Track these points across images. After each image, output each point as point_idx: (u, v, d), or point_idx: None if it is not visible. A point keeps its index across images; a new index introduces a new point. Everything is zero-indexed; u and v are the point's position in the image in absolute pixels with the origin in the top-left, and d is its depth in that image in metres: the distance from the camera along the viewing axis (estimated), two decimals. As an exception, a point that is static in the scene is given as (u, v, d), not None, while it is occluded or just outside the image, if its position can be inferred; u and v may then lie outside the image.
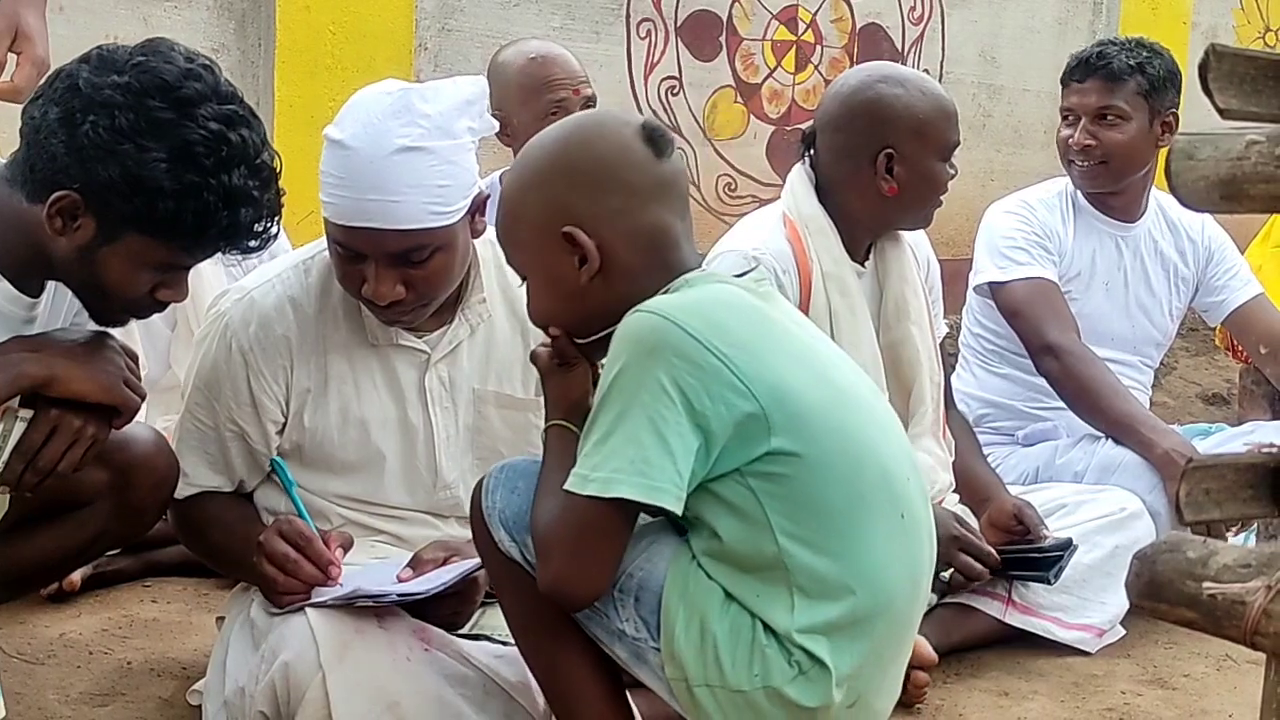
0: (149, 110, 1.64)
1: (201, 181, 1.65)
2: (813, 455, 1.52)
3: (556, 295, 1.64)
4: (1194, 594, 1.16)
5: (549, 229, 1.61)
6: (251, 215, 1.71)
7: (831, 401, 1.56)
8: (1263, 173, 1.13)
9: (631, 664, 1.61)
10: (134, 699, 2.13)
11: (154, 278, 1.74)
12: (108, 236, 1.69)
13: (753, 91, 4.23)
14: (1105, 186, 2.96)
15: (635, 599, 1.57)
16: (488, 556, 1.68)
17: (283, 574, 1.82)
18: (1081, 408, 2.81)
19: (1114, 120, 2.89)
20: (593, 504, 1.51)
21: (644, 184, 1.62)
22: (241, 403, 1.97)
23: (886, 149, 2.32)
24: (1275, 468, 1.17)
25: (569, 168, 1.62)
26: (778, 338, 1.59)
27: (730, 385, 1.50)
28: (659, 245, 1.62)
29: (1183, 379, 4.31)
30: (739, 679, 1.53)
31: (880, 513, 1.56)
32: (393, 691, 1.74)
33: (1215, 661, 2.51)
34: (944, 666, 2.36)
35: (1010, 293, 2.89)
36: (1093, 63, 2.91)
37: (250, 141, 1.69)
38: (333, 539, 1.88)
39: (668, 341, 1.51)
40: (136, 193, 1.64)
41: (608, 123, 1.68)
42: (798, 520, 1.52)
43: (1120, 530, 2.56)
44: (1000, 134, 4.63)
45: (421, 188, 1.82)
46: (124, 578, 2.60)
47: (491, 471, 1.68)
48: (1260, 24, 5.19)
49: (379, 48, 3.56)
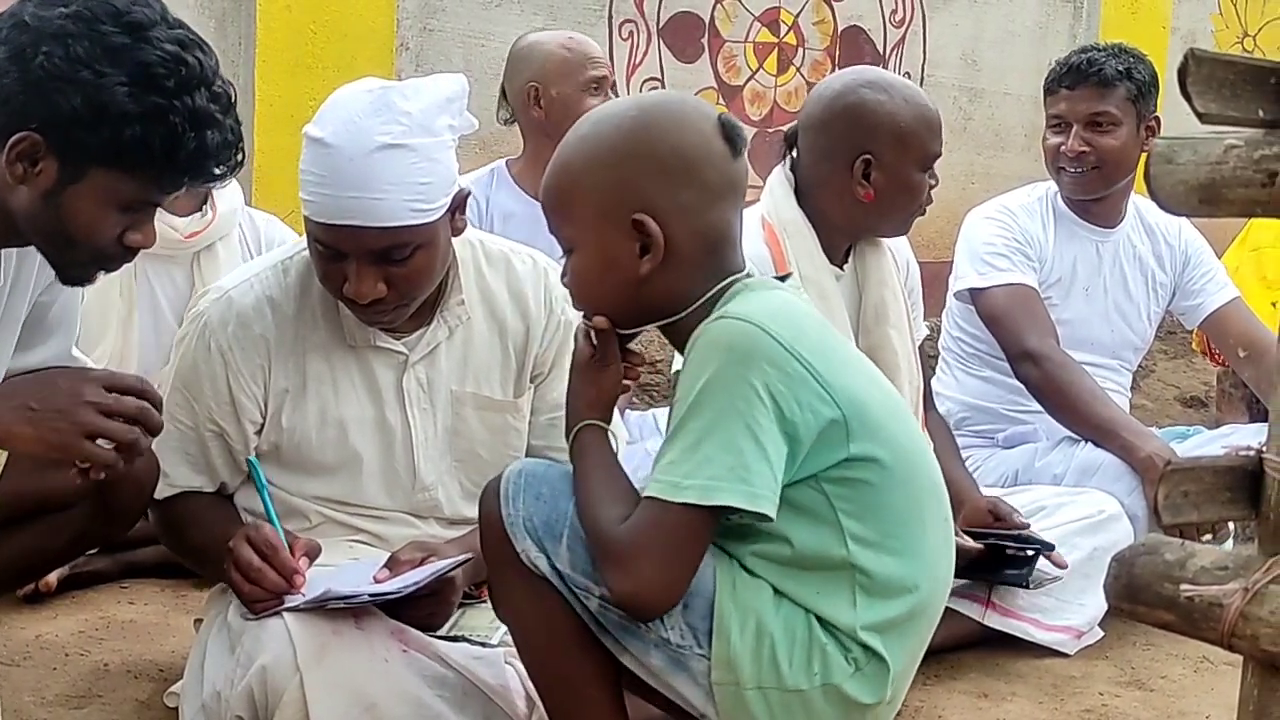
0: (103, 36, 1.60)
1: (165, 104, 1.60)
2: (884, 460, 1.55)
3: (608, 279, 1.60)
4: (1172, 596, 1.16)
5: (618, 211, 1.57)
6: (217, 139, 1.65)
7: (891, 409, 1.60)
8: (1241, 177, 1.13)
9: (667, 672, 1.57)
10: (110, 701, 2.11)
11: (122, 220, 1.67)
12: (72, 176, 1.62)
13: (734, 93, 4.24)
14: (1096, 192, 2.97)
15: (684, 605, 1.54)
16: (503, 569, 1.61)
17: (247, 582, 1.81)
18: (1062, 413, 2.82)
19: (1107, 127, 2.90)
20: (686, 511, 1.49)
21: (718, 182, 1.60)
22: (221, 402, 1.96)
23: (865, 155, 2.31)
24: (1253, 470, 1.18)
25: (649, 153, 1.58)
26: (841, 346, 1.63)
27: (816, 393, 1.51)
28: (719, 245, 1.61)
29: (1161, 381, 4.33)
30: (797, 678, 1.53)
31: (933, 514, 1.61)
32: (370, 693, 1.73)
33: (1193, 663, 2.52)
34: (923, 668, 2.33)
35: (990, 299, 2.90)
36: (1083, 69, 2.91)
37: (206, 65, 1.65)
38: (299, 547, 1.86)
39: (761, 348, 1.51)
40: (101, 121, 1.59)
41: (690, 113, 1.64)
42: (866, 523, 1.54)
43: (1099, 532, 2.57)
44: (981, 137, 4.64)
45: (402, 185, 1.81)
46: (101, 579, 2.59)
47: (507, 478, 1.62)
48: (1239, 29, 5.22)
49: (360, 47, 3.56)
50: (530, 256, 2.11)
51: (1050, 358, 2.81)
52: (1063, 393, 2.79)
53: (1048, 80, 3.01)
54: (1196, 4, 5.10)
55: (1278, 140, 1.12)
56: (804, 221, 2.37)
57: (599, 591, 1.56)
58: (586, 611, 1.58)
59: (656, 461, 1.54)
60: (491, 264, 2.07)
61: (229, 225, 2.76)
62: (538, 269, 2.09)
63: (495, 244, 2.11)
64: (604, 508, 1.55)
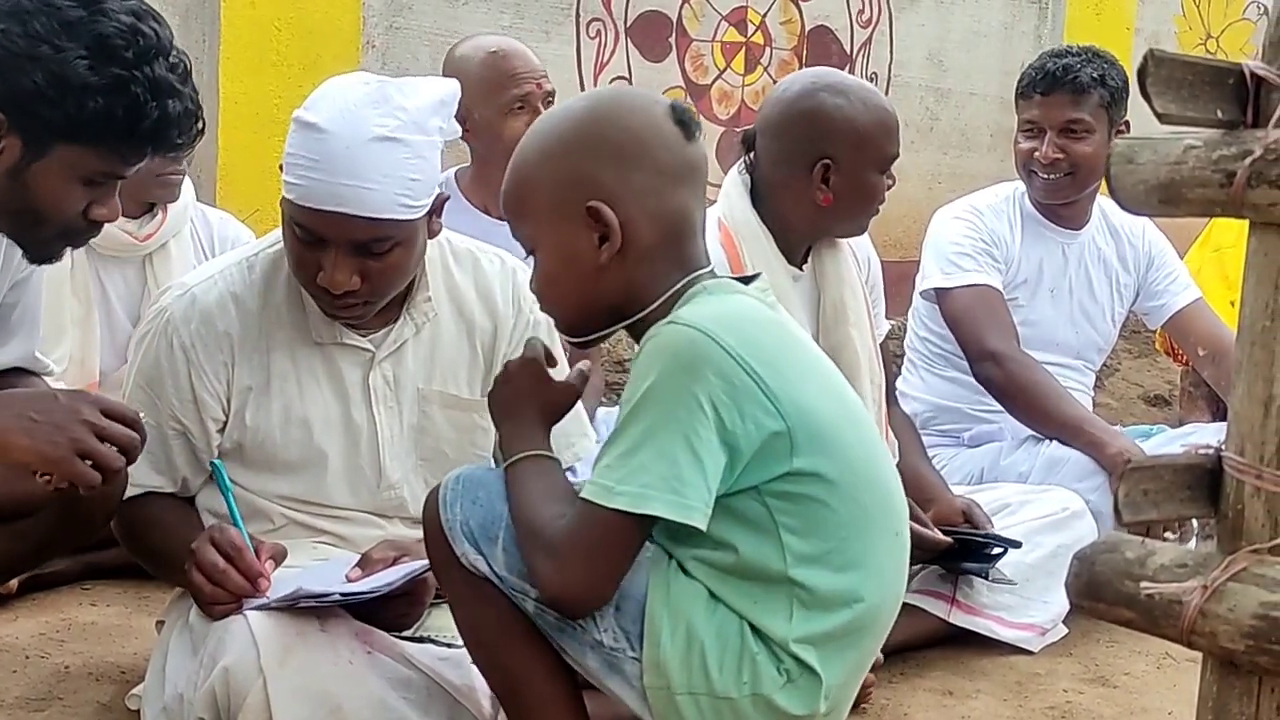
0: (59, 11, 1.61)
1: (126, 74, 1.61)
2: (829, 474, 1.52)
3: (570, 274, 1.59)
4: (1132, 594, 1.17)
5: (571, 202, 1.56)
6: (179, 108, 1.66)
7: (843, 419, 1.57)
8: (1200, 177, 1.14)
9: (602, 674, 1.58)
10: (71, 704, 2.09)
11: (87, 194, 1.68)
12: (37, 152, 1.63)
13: (702, 92, 4.24)
14: (1068, 197, 2.99)
15: (616, 608, 1.54)
16: (447, 570, 1.62)
17: (210, 584, 1.79)
18: (1027, 414, 2.84)
19: (1081, 134, 2.91)
20: (617, 517, 1.48)
21: (673, 165, 1.59)
22: (184, 400, 1.94)
23: (824, 159, 2.31)
24: (1212, 469, 1.19)
25: (599, 139, 1.58)
26: (796, 354, 1.59)
27: (761, 405, 1.49)
28: (679, 232, 1.60)
29: (1125, 380, 4.36)
30: (726, 686, 1.52)
31: (880, 529, 1.57)
32: (335, 695, 1.72)
33: (1155, 660, 2.54)
34: (889, 666, 2.37)
35: (953, 299, 2.91)
36: (1059, 76, 2.91)
37: (162, 36, 1.66)
38: (264, 550, 1.84)
39: (707, 357, 1.49)
40: (63, 95, 1.60)
41: (639, 99, 1.66)
42: (808, 539, 1.51)
43: (1062, 530, 2.58)
44: (947, 137, 4.66)
45: (394, 178, 1.82)
46: (62, 580, 2.56)
47: (446, 483, 1.63)
48: (1202, 31, 5.26)
49: (325, 45, 3.53)
50: (498, 256, 2.10)
51: (1012, 357, 2.82)
52: (1026, 393, 2.81)
53: (1021, 84, 3.01)
54: (1160, 6, 5.14)
55: (1236, 141, 1.12)
56: (759, 223, 2.37)
57: (534, 594, 1.56)
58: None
59: (596, 463, 1.54)
60: (459, 262, 2.06)
61: (181, 223, 2.75)
62: (505, 268, 2.08)
63: (462, 243, 2.10)
64: (541, 505, 1.55)
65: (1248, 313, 1.15)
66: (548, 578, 1.52)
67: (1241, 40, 5.28)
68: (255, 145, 3.42)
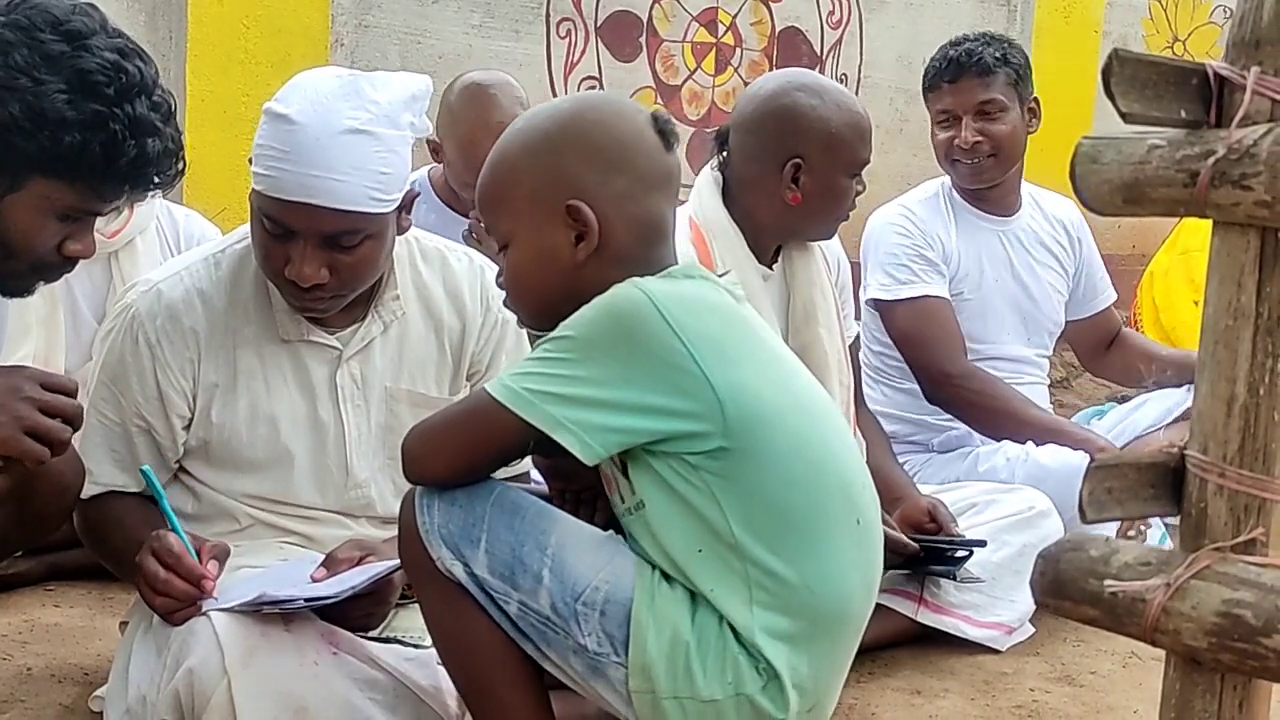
0: (41, 44, 1.59)
1: (106, 111, 1.60)
2: (765, 456, 1.52)
3: (544, 270, 1.61)
4: (1096, 592, 1.17)
5: (552, 198, 1.58)
6: (158, 147, 1.65)
7: (791, 407, 1.57)
8: (1163, 176, 1.14)
9: (586, 679, 1.57)
10: (34, 705, 2.07)
11: (61, 229, 1.67)
12: (11, 184, 1.62)
13: (672, 93, 4.24)
14: (993, 180, 3.02)
15: (601, 613, 1.54)
16: (423, 575, 1.61)
17: (156, 595, 1.77)
18: (997, 427, 2.85)
19: (995, 114, 2.96)
20: (502, 412, 1.52)
21: (651, 172, 1.62)
22: (149, 397, 1.93)
23: (795, 159, 2.31)
24: (1175, 467, 1.19)
25: (584, 141, 1.60)
26: (748, 341, 1.59)
27: (691, 375, 1.50)
28: (652, 236, 1.62)
29: (1092, 380, 4.37)
30: (711, 688, 1.52)
31: (839, 520, 1.57)
32: (300, 696, 1.71)
33: (1121, 658, 2.56)
34: (857, 666, 2.34)
35: (896, 317, 2.93)
36: (963, 61, 2.97)
37: (146, 74, 1.65)
38: (205, 551, 1.82)
39: (645, 320, 1.50)
40: (40, 128, 1.58)
41: (624, 105, 1.69)
42: (751, 515, 1.52)
43: (1029, 529, 2.59)
44: (917, 138, 4.66)
45: (364, 171, 1.81)
46: (25, 581, 2.54)
47: (421, 487, 1.62)
48: (1169, 34, 5.30)
49: (294, 43, 3.52)
50: (466, 254, 2.10)
51: (966, 375, 2.85)
52: (993, 407, 2.84)
53: (928, 78, 3.06)
54: (1128, 9, 5.17)
55: (1200, 140, 1.13)
56: (730, 222, 2.37)
57: (518, 596, 1.56)
58: (506, 617, 1.58)
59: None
60: (427, 260, 2.06)
61: (146, 220, 2.73)
62: (474, 267, 2.08)
63: (431, 241, 2.09)
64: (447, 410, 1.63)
65: (1211, 312, 1.15)
66: (410, 439, 1.59)
67: (1208, 43, 5.32)
68: (223, 144, 3.40)
